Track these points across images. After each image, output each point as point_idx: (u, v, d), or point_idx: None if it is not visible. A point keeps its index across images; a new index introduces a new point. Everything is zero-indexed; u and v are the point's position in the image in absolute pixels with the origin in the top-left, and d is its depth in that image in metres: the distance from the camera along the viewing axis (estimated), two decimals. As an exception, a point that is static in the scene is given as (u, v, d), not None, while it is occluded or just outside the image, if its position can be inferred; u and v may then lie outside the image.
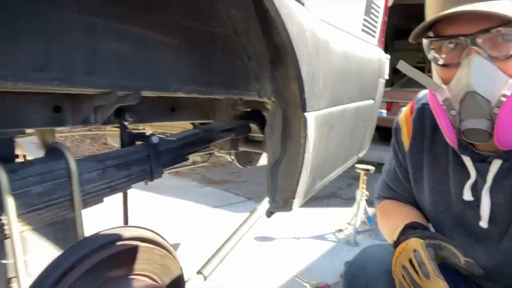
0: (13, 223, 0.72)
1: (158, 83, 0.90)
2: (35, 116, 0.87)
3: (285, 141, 1.09)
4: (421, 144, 0.96)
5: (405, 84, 6.73)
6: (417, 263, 0.76)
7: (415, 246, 0.78)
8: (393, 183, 1.09)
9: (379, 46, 1.70)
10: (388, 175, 1.11)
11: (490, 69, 0.70)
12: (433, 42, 0.78)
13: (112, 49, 0.80)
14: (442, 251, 0.79)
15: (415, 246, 0.78)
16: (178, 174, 4.60)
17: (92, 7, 0.74)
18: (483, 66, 0.69)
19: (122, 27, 0.80)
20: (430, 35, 0.79)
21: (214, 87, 1.03)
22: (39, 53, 0.69)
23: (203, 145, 1.19)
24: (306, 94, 0.98)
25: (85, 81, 0.76)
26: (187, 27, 0.93)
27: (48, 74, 0.71)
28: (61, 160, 0.82)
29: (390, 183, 1.10)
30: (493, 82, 0.70)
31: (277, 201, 1.14)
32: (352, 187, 4.28)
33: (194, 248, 2.42)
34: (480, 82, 0.70)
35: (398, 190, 1.07)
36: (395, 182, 1.08)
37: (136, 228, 0.80)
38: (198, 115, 1.39)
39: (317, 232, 3.02)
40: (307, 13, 0.95)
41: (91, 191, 0.87)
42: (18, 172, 0.75)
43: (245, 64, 1.05)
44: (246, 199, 3.82)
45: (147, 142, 1.00)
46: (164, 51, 0.90)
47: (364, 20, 1.40)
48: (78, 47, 0.75)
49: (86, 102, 0.90)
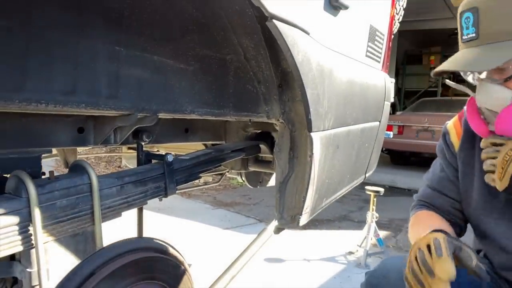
0: (38, 233, 0.78)
1: (174, 106, 0.98)
2: (60, 136, 0.95)
3: (292, 159, 1.15)
4: (471, 142, 1.02)
5: (416, 108, 6.76)
6: (434, 247, 0.78)
7: (437, 236, 0.81)
8: (439, 184, 1.12)
9: (384, 70, 1.76)
10: (433, 179, 1.15)
11: (492, 89, 0.87)
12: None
13: (133, 75, 0.88)
14: (461, 252, 0.81)
15: (436, 236, 0.81)
16: (190, 196, 4.65)
17: (117, 38, 0.83)
18: (487, 87, 0.88)
19: (143, 55, 0.89)
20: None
21: (226, 109, 1.10)
22: (68, 79, 0.77)
23: (215, 164, 1.25)
24: (312, 115, 1.04)
25: (108, 104, 0.84)
26: (202, 54, 1.01)
27: (75, 98, 0.79)
28: (84, 175, 0.88)
29: (437, 185, 1.13)
30: (496, 99, 0.87)
31: (284, 218, 1.18)
32: (363, 210, 4.26)
33: (205, 269, 2.44)
34: (483, 100, 0.89)
35: (444, 190, 1.11)
36: (442, 182, 1.12)
37: (151, 239, 0.85)
38: (211, 136, 1.46)
39: (328, 254, 3.01)
40: (312, 41, 1.02)
41: (110, 205, 0.93)
42: (45, 187, 0.82)
43: (255, 88, 1.12)
44: (257, 221, 3.83)
45: (162, 161, 1.07)
46: (180, 77, 0.98)
47: (368, 46, 1.47)
48: (103, 74, 0.83)
49: (107, 124, 0.98)
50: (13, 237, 0.75)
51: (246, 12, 0.90)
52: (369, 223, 2.92)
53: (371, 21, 1.47)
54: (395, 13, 1.81)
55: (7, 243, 0.74)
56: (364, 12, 1.41)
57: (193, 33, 0.97)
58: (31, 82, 0.70)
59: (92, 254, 0.79)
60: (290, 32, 0.90)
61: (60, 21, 0.73)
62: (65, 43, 0.75)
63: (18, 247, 0.76)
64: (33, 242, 0.78)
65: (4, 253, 0.74)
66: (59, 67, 0.75)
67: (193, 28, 0.96)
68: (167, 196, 1.08)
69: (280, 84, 1.10)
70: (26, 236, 0.77)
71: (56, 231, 0.83)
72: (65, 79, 0.76)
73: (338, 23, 1.18)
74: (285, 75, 1.09)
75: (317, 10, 1.06)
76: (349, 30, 1.28)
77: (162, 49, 0.92)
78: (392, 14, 1.76)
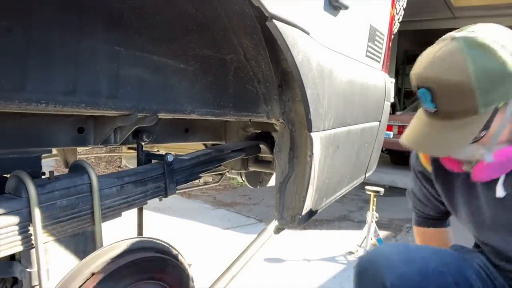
0: (38, 233, 0.78)
1: (174, 106, 0.98)
2: (60, 136, 0.95)
3: (292, 159, 1.15)
4: (443, 168, 1.01)
5: (417, 108, 6.74)
6: None
7: None
8: (421, 201, 1.18)
9: (384, 70, 1.76)
10: (414, 198, 1.21)
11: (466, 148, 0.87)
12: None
13: (133, 75, 0.88)
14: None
15: None
16: (190, 196, 4.65)
17: (117, 38, 0.83)
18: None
19: (143, 55, 0.89)
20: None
21: (226, 109, 1.10)
22: (68, 79, 0.77)
23: (215, 164, 1.25)
24: (312, 115, 1.04)
25: (108, 104, 0.84)
26: (202, 55, 1.01)
27: (76, 98, 0.79)
28: (84, 175, 0.88)
29: (419, 202, 1.19)
30: (472, 156, 0.88)
31: (284, 218, 1.18)
32: (363, 210, 4.26)
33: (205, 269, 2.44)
34: (459, 156, 0.91)
35: (428, 204, 1.16)
36: (423, 200, 1.17)
37: (150, 239, 0.85)
38: (211, 136, 1.46)
39: (328, 255, 3.01)
40: (312, 41, 1.02)
41: (110, 205, 0.93)
42: (45, 187, 0.82)
43: (255, 88, 1.12)
44: (257, 221, 3.84)
45: (162, 161, 1.07)
46: (180, 77, 0.98)
47: (368, 46, 1.47)
48: (103, 74, 0.83)
49: (107, 124, 0.98)
50: (13, 237, 0.75)
51: (246, 12, 0.90)
52: (369, 223, 2.92)
53: (371, 21, 1.47)
54: (395, 13, 1.81)
55: (7, 243, 0.74)
56: (364, 12, 1.41)
57: (193, 33, 0.97)
58: (31, 82, 0.70)
59: (91, 254, 0.78)
60: (290, 32, 0.90)
61: (60, 21, 0.73)
62: (65, 43, 0.75)
63: (18, 247, 0.76)
64: (33, 242, 0.78)
65: (4, 253, 0.74)
66: (59, 67, 0.75)
67: (193, 28, 0.96)
68: (167, 196, 1.08)
69: (280, 84, 1.10)
70: (26, 236, 0.77)
71: (56, 231, 0.83)
72: (65, 79, 0.76)
73: (338, 23, 1.18)
74: (285, 75, 1.09)
75: (317, 10, 1.06)
76: (349, 30, 1.28)
77: (162, 49, 0.92)
78: (392, 14, 1.76)
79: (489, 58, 0.75)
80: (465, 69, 0.75)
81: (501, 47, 0.76)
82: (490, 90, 0.75)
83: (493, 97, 0.76)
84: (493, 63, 0.75)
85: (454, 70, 0.76)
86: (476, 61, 0.75)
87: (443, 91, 0.78)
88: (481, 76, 0.74)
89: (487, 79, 0.75)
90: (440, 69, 0.78)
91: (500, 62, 0.75)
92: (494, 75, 0.75)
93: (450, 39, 0.80)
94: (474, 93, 0.75)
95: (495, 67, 0.75)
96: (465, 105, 0.77)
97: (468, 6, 6.28)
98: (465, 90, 0.75)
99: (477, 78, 0.74)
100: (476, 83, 0.74)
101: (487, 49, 0.76)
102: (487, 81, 0.75)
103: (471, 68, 0.74)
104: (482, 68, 0.75)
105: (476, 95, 0.75)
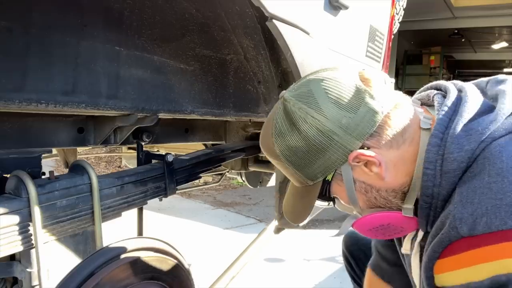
0: (39, 234, 0.78)
1: (174, 106, 0.98)
2: (60, 136, 0.95)
3: (292, 160, 1.15)
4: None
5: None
6: None
7: None
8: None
9: (384, 70, 1.76)
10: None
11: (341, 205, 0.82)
12: None
13: (133, 75, 0.88)
14: None
15: None
16: (190, 197, 4.65)
17: (117, 38, 0.83)
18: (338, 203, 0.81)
19: (143, 55, 0.89)
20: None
21: (226, 109, 1.10)
22: (68, 79, 0.77)
23: (215, 164, 1.25)
24: (312, 115, 1.04)
25: (108, 104, 0.84)
26: (202, 55, 1.01)
27: (75, 98, 0.79)
28: (84, 175, 0.88)
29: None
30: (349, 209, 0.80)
31: (284, 218, 1.18)
32: (363, 210, 4.26)
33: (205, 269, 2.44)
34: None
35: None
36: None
37: (150, 239, 0.85)
38: (211, 137, 1.46)
39: (328, 254, 3.01)
40: (312, 41, 1.03)
41: (110, 205, 0.94)
42: (45, 187, 0.82)
43: (255, 88, 1.13)
44: (257, 221, 3.84)
45: (162, 161, 1.07)
46: (180, 77, 0.98)
47: (368, 46, 1.47)
48: (103, 74, 0.83)
49: (107, 124, 0.98)
50: (13, 237, 0.75)
51: (246, 12, 0.90)
52: (369, 223, 2.91)
53: (371, 21, 1.47)
54: (395, 13, 1.80)
55: (7, 243, 0.74)
56: (364, 12, 1.41)
57: (193, 33, 0.97)
58: (31, 82, 0.70)
59: (91, 255, 0.79)
60: (290, 32, 0.90)
61: (60, 21, 0.73)
62: (65, 43, 0.75)
63: (18, 247, 0.76)
64: (33, 242, 0.78)
65: (4, 253, 0.74)
66: (59, 67, 0.75)
67: (193, 28, 0.96)
68: (167, 196, 1.08)
69: (280, 84, 1.10)
70: (26, 236, 0.77)
71: (56, 231, 0.83)
72: (65, 79, 0.76)
73: (338, 23, 1.18)
74: (285, 75, 1.09)
75: (317, 10, 1.06)
76: (349, 30, 1.28)
77: (162, 49, 0.92)
78: (392, 14, 1.76)
79: (292, 133, 0.67)
80: (272, 144, 0.70)
81: (305, 116, 0.65)
82: (304, 165, 0.68)
83: (312, 171, 0.68)
84: (294, 139, 0.67)
85: (265, 140, 0.72)
86: (279, 136, 0.68)
87: (272, 160, 0.73)
88: (288, 154, 0.68)
89: (295, 156, 0.68)
90: (261, 139, 0.74)
91: (302, 137, 0.66)
92: (299, 152, 0.67)
93: (281, 97, 0.70)
94: (290, 168, 0.70)
95: (296, 144, 0.67)
96: (293, 177, 0.72)
97: (468, 6, 6.28)
98: (283, 165, 0.71)
99: (284, 156, 0.69)
100: (285, 160, 0.69)
101: (291, 121, 0.67)
102: (296, 158, 0.68)
103: (277, 143, 0.69)
104: (286, 146, 0.68)
105: (294, 169, 0.70)
